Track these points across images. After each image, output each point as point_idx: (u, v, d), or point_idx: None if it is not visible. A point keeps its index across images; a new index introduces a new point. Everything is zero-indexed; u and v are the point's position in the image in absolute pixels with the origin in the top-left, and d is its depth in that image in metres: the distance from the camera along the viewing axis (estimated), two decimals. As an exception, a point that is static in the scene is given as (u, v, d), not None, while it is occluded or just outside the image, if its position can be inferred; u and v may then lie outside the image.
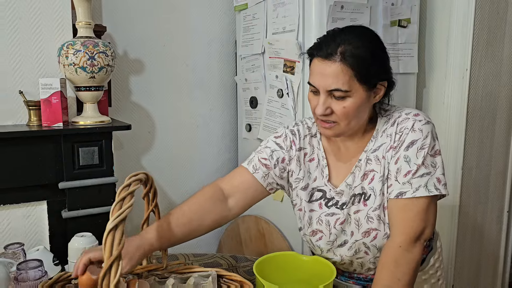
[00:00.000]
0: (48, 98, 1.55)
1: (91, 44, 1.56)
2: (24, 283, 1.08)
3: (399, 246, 1.03)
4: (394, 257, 1.02)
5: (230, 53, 2.31)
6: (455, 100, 2.06)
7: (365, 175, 1.11)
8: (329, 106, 1.04)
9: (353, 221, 1.12)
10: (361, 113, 1.06)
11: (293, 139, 1.20)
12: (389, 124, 1.10)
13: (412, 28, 1.98)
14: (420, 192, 1.03)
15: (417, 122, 1.06)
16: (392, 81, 1.09)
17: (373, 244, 1.12)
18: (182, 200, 2.23)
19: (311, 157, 1.20)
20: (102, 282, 0.71)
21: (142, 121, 2.13)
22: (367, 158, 1.12)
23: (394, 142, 1.08)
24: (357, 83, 1.01)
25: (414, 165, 1.04)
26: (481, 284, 2.34)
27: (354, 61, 1.00)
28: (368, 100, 1.05)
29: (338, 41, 1.01)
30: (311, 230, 1.19)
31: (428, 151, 1.04)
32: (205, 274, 1.08)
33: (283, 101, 1.86)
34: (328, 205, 1.16)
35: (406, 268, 1.01)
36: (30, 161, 1.54)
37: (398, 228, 1.05)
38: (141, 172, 0.95)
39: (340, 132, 1.08)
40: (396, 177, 1.06)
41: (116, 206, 0.79)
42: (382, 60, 1.06)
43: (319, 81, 1.03)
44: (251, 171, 1.18)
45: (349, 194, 1.13)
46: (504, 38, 2.14)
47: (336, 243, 1.16)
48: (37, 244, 1.54)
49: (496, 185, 2.27)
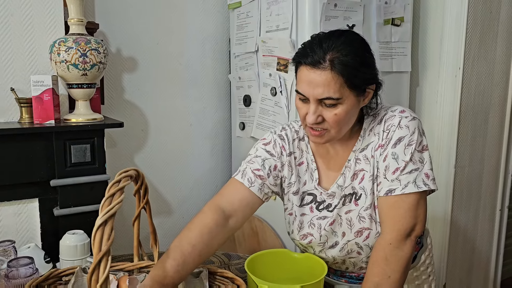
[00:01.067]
0: (39, 95, 1.54)
1: (83, 41, 1.55)
2: (14, 281, 1.08)
3: (389, 244, 1.03)
4: (384, 255, 1.02)
5: (224, 51, 2.31)
6: (448, 99, 2.07)
7: (355, 174, 1.11)
8: (320, 114, 1.02)
9: (345, 221, 1.12)
10: (351, 118, 1.06)
11: (282, 144, 1.18)
12: (376, 122, 1.10)
13: (405, 27, 1.98)
14: (409, 188, 1.03)
15: (403, 119, 1.06)
16: (379, 82, 1.09)
17: (366, 243, 1.12)
18: (175, 198, 2.26)
19: (300, 161, 1.19)
20: (91, 277, 0.71)
21: (135, 119, 2.12)
22: (356, 158, 1.12)
23: (382, 140, 1.08)
24: (347, 90, 1.00)
25: (402, 161, 1.04)
26: (473, 282, 2.35)
27: (343, 69, 0.98)
28: (358, 104, 1.05)
29: (325, 47, 0.99)
30: (302, 234, 1.18)
31: (415, 147, 1.04)
32: (196, 271, 1.08)
33: (276, 99, 1.86)
34: (319, 209, 1.16)
35: (396, 265, 1.02)
36: (22, 158, 1.53)
37: (388, 225, 1.05)
38: (132, 169, 0.95)
39: (330, 139, 1.07)
40: (384, 174, 1.06)
41: (106, 202, 0.78)
42: (370, 66, 1.05)
43: (308, 90, 1.01)
44: (247, 186, 1.15)
45: (340, 195, 1.13)
46: (497, 37, 2.15)
47: (327, 244, 1.16)
48: (28, 242, 1.53)
49: (488, 183, 2.29)
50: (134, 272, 1.10)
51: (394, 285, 1.01)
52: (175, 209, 2.28)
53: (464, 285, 2.31)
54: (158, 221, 2.14)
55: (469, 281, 2.32)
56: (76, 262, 1.29)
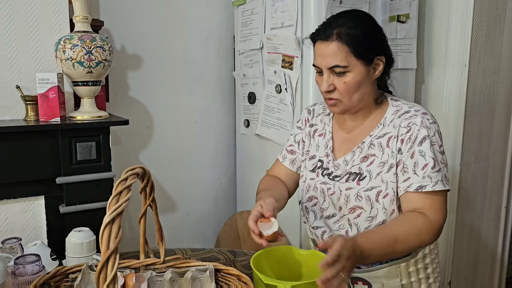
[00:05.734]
0: (45, 93, 1.54)
1: (89, 38, 1.55)
2: (21, 278, 1.08)
3: (431, 224, 1.08)
4: (421, 225, 1.07)
5: (229, 48, 2.30)
6: (454, 96, 2.06)
7: (366, 157, 1.18)
8: (332, 83, 1.14)
9: (343, 196, 1.19)
10: (362, 87, 1.15)
11: (307, 117, 1.36)
12: (397, 115, 1.17)
13: (411, 24, 1.97)
14: (438, 186, 1.10)
15: (425, 120, 1.13)
16: (390, 57, 1.19)
17: (355, 222, 1.18)
18: (180, 195, 2.27)
19: (320, 132, 1.31)
20: (99, 275, 0.71)
21: (140, 116, 2.12)
22: (371, 143, 1.18)
23: (401, 135, 1.13)
24: (354, 59, 1.11)
25: (429, 158, 1.10)
26: (479, 280, 2.35)
27: (348, 39, 1.10)
28: (367, 74, 1.14)
29: (334, 24, 1.13)
30: (308, 196, 1.28)
31: (437, 148, 1.12)
32: (202, 268, 1.08)
33: (281, 96, 1.86)
34: (323, 174, 1.26)
35: (418, 237, 1.07)
36: (28, 156, 1.53)
37: (431, 212, 1.09)
38: (138, 166, 0.95)
39: (344, 108, 1.17)
40: (414, 170, 1.11)
41: (113, 200, 0.78)
42: (375, 37, 1.15)
43: (320, 61, 1.14)
44: (281, 161, 1.38)
45: (343, 169, 1.20)
46: (503, 33, 2.13)
47: (326, 212, 1.24)
48: (34, 239, 1.54)
49: (494, 180, 2.28)
50: (141, 269, 1.10)
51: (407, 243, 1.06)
52: (180, 206, 2.29)
53: (469, 282, 2.30)
54: (163, 218, 2.12)
55: (474, 279, 2.32)
56: (82, 259, 1.30)
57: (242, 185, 2.30)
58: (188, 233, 2.31)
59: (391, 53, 1.19)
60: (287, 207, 1.27)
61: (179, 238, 2.26)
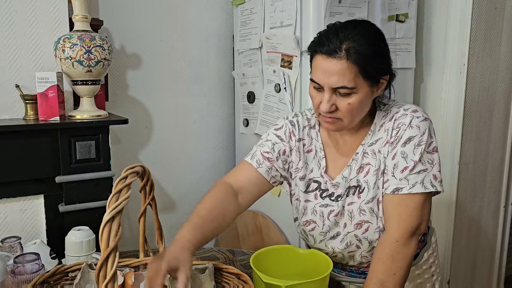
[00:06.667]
0: (44, 92, 1.54)
1: (88, 37, 1.56)
2: (21, 276, 1.08)
3: (396, 241, 1.03)
4: (390, 252, 1.02)
5: (228, 47, 2.30)
6: (453, 95, 2.06)
7: (361, 168, 1.12)
8: (334, 103, 1.04)
9: (347, 212, 1.13)
10: (364, 108, 1.07)
11: (292, 130, 1.20)
12: (387, 119, 1.11)
13: (409, 23, 1.97)
14: (416, 188, 1.03)
15: (414, 119, 1.06)
16: (393, 73, 1.10)
17: (365, 236, 1.12)
18: (179, 195, 2.26)
19: (309, 148, 1.20)
20: (99, 273, 0.71)
21: (139, 115, 2.12)
22: (364, 152, 1.12)
23: (390, 137, 1.08)
24: (362, 80, 1.01)
25: (411, 161, 1.04)
26: (477, 279, 2.35)
27: (359, 59, 0.98)
28: (371, 94, 1.06)
29: (342, 37, 1.00)
30: (305, 220, 1.19)
31: (425, 148, 1.05)
32: (202, 267, 1.08)
33: (280, 96, 1.86)
34: (322, 196, 1.17)
35: (402, 262, 1.02)
36: (27, 155, 1.53)
37: (395, 223, 1.05)
38: (138, 165, 0.95)
39: (343, 127, 1.09)
40: (393, 172, 1.06)
41: (113, 198, 0.78)
42: (385, 57, 1.06)
43: (323, 79, 1.02)
44: (255, 166, 1.18)
45: (344, 187, 1.14)
46: (501, 33, 2.14)
47: (329, 234, 1.17)
48: (34, 238, 1.54)
49: (492, 180, 2.28)
50: (140, 268, 1.11)
51: (399, 282, 1.01)
52: (179, 205, 2.29)
53: (468, 281, 2.30)
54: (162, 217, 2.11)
55: (473, 278, 2.32)
56: (81, 258, 1.30)
57: (241, 184, 2.29)
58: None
59: (394, 70, 1.10)
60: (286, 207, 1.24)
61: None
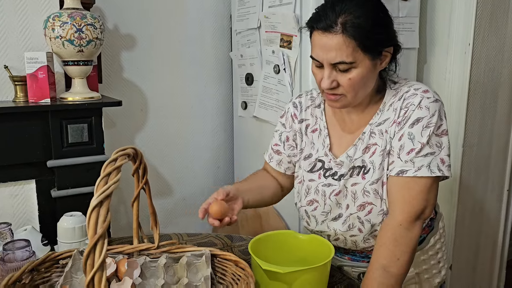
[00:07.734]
0: (34, 72, 1.49)
1: (79, 16, 1.49)
2: (10, 264, 1.04)
3: (400, 225, 1.00)
4: (394, 236, 0.99)
5: (225, 27, 2.24)
6: (457, 76, 2.01)
7: (367, 148, 1.09)
8: (334, 79, 1.01)
9: (350, 193, 1.10)
10: (368, 82, 1.03)
11: (294, 112, 1.22)
12: (397, 98, 1.07)
13: (413, 2, 1.92)
14: (422, 172, 1.00)
15: (424, 99, 1.02)
16: (398, 45, 1.05)
17: (367, 219, 1.09)
18: (176, 179, 2.23)
19: (313, 128, 1.19)
20: (86, 262, 0.67)
21: (134, 98, 2.07)
22: (371, 131, 1.09)
23: (398, 117, 1.04)
24: (361, 54, 0.97)
25: (418, 143, 1.00)
26: (480, 263, 2.33)
27: (356, 32, 0.95)
28: (374, 68, 1.02)
29: (338, 11, 0.96)
30: (308, 200, 1.18)
31: (433, 130, 1.01)
32: (198, 254, 1.04)
33: (279, 77, 1.80)
34: (325, 176, 1.14)
35: (405, 247, 0.99)
36: (17, 138, 1.49)
37: (398, 206, 1.02)
38: (129, 147, 0.90)
39: (347, 104, 1.06)
40: (398, 154, 1.03)
41: (101, 182, 0.73)
42: (385, 27, 1.02)
43: (322, 55, 0.99)
44: (267, 161, 1.28)
45: (348, 166, 1.11)
46: (508, 12, 2.08)
47: (331, 215, 1.14)
48: (25, 224, 1.50)
49: (496, 163, 2.24)
50: (134, 255, 1.06)
51: (403, 267, 0.99)
52: (176, 190, 2.25)
53: (471, 266, 2.28)
54: (158, 202, 2.10)
55: (475, 262, 2.30)
56: (74, 244, 1.26)
57: (240, 168, 2.25)
58: (185, 218, 2.27)
59: (398, 41, 1.06)
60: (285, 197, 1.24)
61: (176, 223, 2.22)
